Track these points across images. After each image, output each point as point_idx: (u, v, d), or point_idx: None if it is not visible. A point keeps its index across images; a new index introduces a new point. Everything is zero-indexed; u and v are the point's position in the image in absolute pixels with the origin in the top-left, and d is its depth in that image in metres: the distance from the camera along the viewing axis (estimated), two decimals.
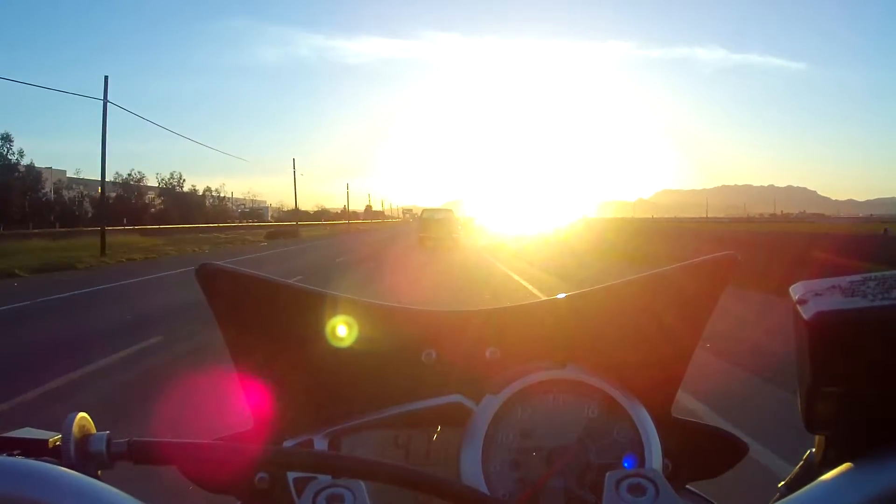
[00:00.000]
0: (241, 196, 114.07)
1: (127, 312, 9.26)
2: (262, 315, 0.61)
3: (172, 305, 9.24)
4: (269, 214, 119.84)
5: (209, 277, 0.60)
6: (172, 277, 14.51)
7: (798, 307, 0.43)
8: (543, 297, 0.67)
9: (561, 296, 0.64)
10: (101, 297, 11.83)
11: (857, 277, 0.44)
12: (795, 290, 0.45)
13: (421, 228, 28.67)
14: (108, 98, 23.15)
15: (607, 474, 0.47)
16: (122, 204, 60.11)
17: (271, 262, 20.20)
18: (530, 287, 11.60)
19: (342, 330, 0.62)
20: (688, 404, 3.96)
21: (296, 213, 72.74)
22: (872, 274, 0.45)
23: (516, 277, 13.55)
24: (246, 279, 0.61)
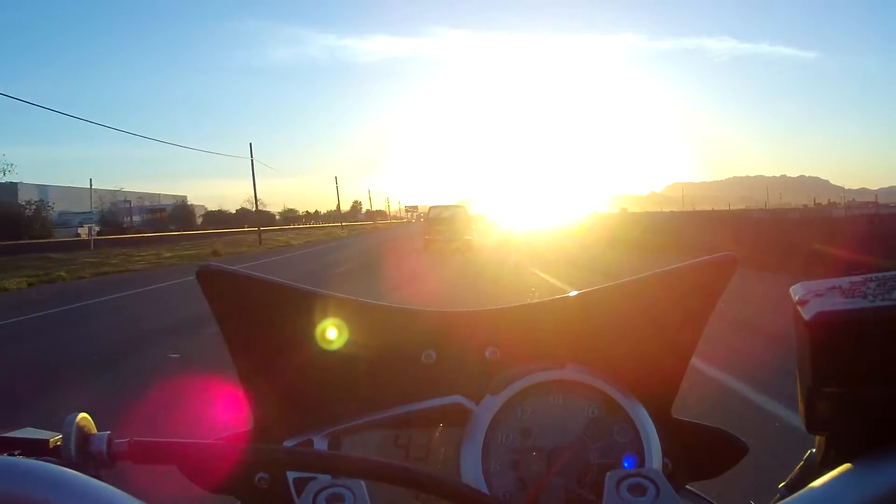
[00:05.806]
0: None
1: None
2: (262, 316, 0.61)
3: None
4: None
5: (209, 279, 0.60)
6: None
7: (798, 308, 0.43)
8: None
9: (569, 294, 0.63)
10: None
11: (858, 278, 0.44)
12: (796, 291, 0.45)
13: (427, 230, 23.58)
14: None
15: (608, 474, 0.47)
16: None
17: None
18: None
19: (342, 330, 0.62)
20: None
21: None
22: (873, 274, 0.44)
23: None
24: (246, 281, 0.61)
